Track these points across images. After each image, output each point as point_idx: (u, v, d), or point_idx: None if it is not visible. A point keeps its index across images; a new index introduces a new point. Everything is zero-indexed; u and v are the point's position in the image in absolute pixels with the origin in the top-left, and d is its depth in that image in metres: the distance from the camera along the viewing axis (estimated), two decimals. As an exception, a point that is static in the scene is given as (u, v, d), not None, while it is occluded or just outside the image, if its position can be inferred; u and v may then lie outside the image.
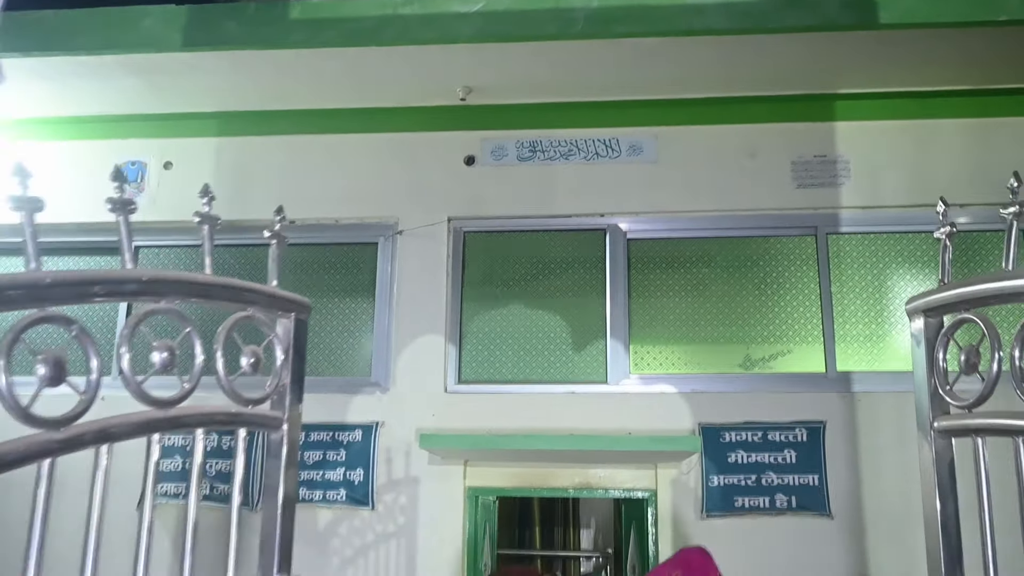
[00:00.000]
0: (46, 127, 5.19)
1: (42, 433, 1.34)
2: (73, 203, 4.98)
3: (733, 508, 4.46)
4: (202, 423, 1.60)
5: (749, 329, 4.80)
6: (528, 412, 4.63)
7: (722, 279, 4.86)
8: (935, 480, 1.68)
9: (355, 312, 4.95)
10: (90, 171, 5.11)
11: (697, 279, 4.88)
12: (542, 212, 4.92)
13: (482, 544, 4.67)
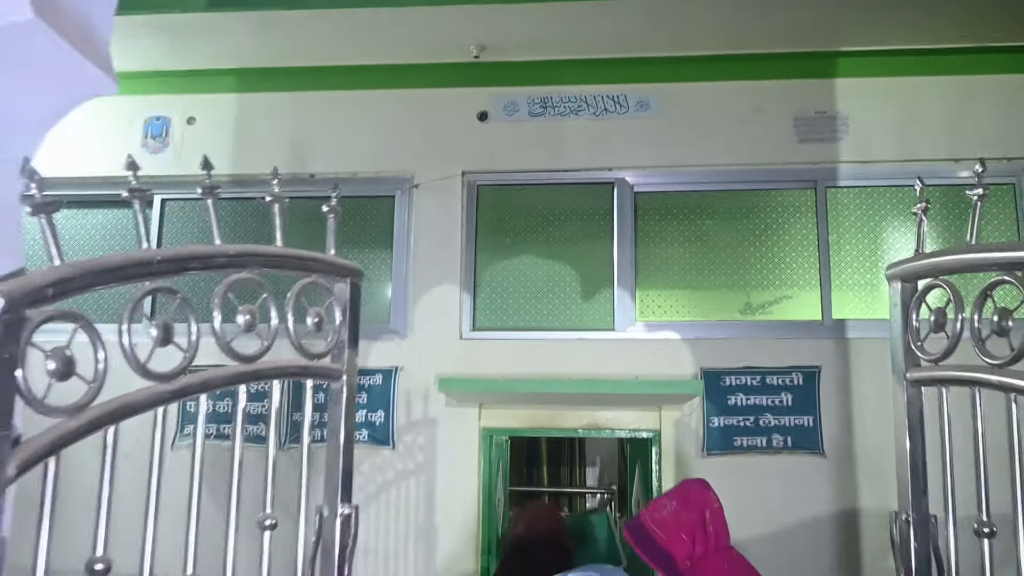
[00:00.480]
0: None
1: (157, 385, 1.62)
2: (102, 157, 5.25)
3: (732, 447, 4.78)
4: (278, 375, 1.88)
5: (750, 277, 5.08)
6: (539, 357, 4.93)
7: (725, 230, 5.12)
8: (906, 423, 1.97)
9: (374, 262, 5.22)
10: (116, 127, 5.34)
11: (701, 230, 5.14)
12: (552, 166, 5.16)
13: (495, 481, 5.01)
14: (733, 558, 2.48)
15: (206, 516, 1.71)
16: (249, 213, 5.23)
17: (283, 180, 2.14)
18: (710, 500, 2.47)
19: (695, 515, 2.42)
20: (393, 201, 5.23)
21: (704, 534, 2.41)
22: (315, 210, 5.11)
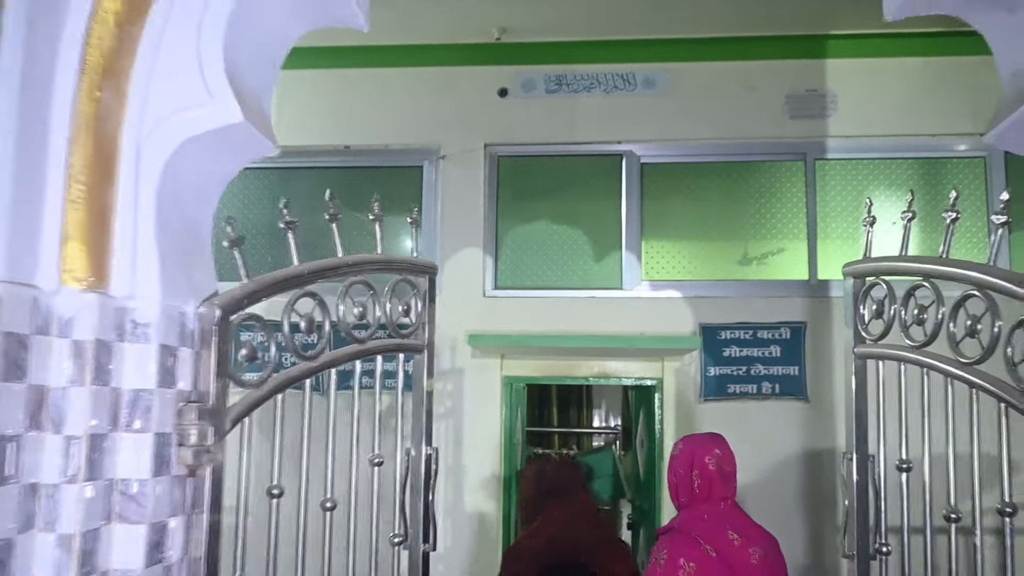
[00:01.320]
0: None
1: (305, 363, 2.30)
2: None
3: (726, 394, 5.49)
4: (381, 351, 2.55)
5: (746, 233, 5.73)
6: (554, 313, 5.61)
7: (724, 199, 5.76)
8: (853, 385, 2.65)
9: (405, 227, 5.86)
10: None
11: (702, 198, 5.78)
12: (566, 139, 5.76)
13: (515, 423, 5.74)
14: (720, 510, 2.74)
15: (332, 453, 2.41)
16: (295, 181, 5.82)
17: (321, 151, 2.72)
18: (702, 457, 2.77)
19: (685, 467, 2.80)
20: (422, 171, 5.84)
21: (689, 486, 2.77)
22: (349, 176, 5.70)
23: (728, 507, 2.77)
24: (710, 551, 2.63)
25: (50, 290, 1.74)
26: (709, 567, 2.60)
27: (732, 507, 2.77)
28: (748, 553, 2.65)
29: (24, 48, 1.70)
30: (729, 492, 2.76)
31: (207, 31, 1.92)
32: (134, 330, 1.84)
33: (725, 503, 2.76)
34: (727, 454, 2.84)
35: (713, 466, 2.76)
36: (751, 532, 2.73)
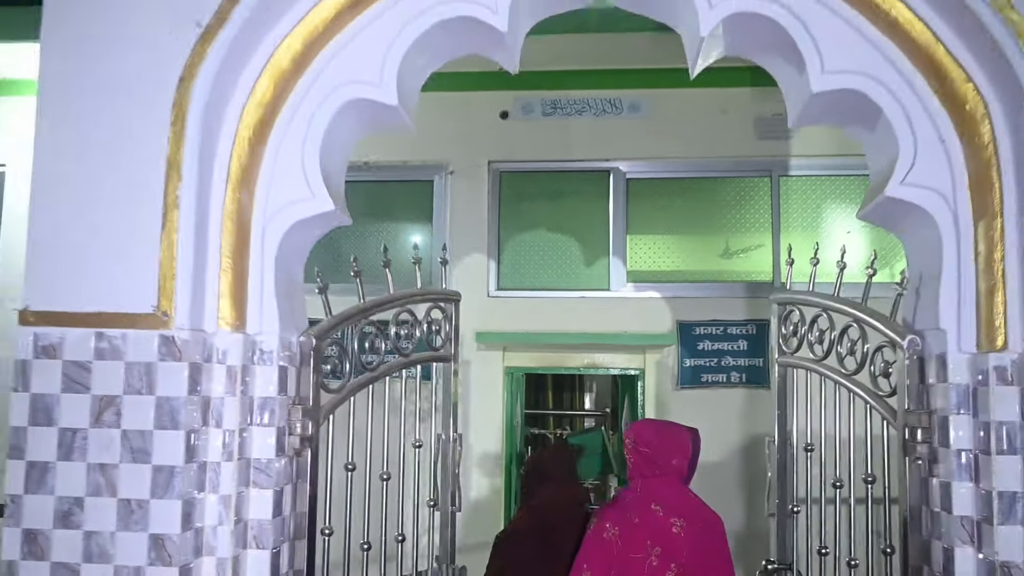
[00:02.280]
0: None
1: (368, 374, 3.21)
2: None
3: (700, 382, 6.42)
4: (420, 362, 3.47)
5: (719, 246, 6.64)
6: (549, 311, 6.52)
7: (699, 210, 6.66)
8: (776, 389, 3.58)
9: (419, 233, 6.76)
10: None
11: (680, 210, 6.68)
12: (561, 157, 6.65)
13: (515, 406, 6.68)
14: (648, 485, 3.10)
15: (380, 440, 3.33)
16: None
17: (353, 165, 3.43)
18: (627, 441, 3.21)
19: (627, 450, 3.22)
20: (433, 185, 6.73)
21: (630, 465, 3.21)
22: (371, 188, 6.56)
23: (657, 483, 3.11)
24: (633, 518, 3.05)
25: (212, 332, 2.65)
26: (630, 532, 3.02)
27: (663, 483, 3.10)
28: (669, 523, 3.00)
29: (198, 167, 2.60)
30: (654, 471, 3.11)
31: (308, 146, 2.82)
32: (261, 356, 2.76)
33: (655, 479, 3.11)
34: (645, 439, 3.17)
35: (632, 448, 3.18)
36: (678, 505, 3.06)
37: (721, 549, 3.10)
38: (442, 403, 3.62)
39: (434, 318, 3.57)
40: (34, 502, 2.52)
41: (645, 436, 3.17)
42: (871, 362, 3.00)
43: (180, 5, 2.62)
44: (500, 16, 2.83)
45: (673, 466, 3.12)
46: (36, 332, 2.55)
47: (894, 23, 2.65)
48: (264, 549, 2.70)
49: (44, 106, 2.67)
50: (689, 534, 2.99)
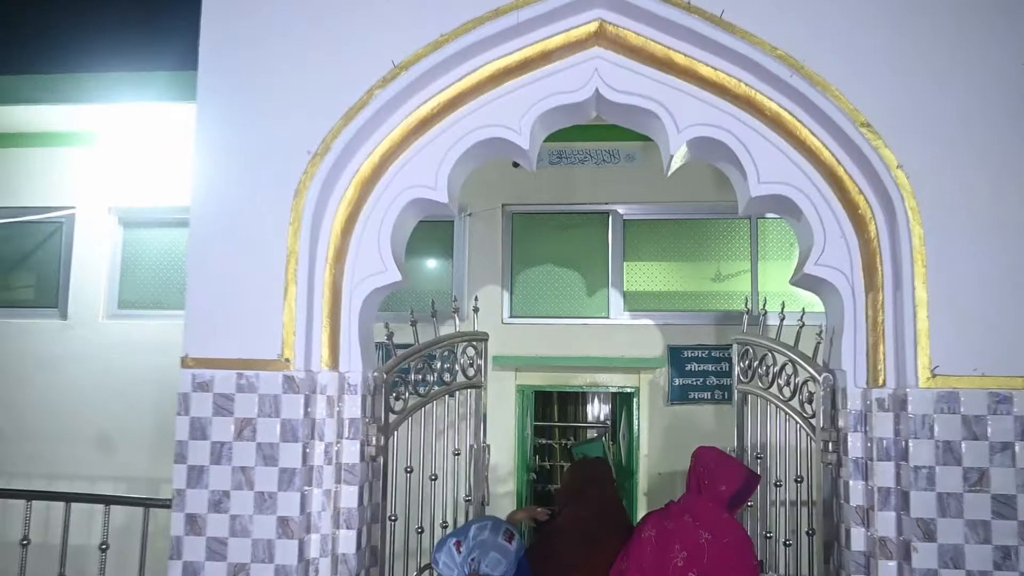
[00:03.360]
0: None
1: (420, 399, 4.33)
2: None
3: (688, 399, 7.52)
4: (459, 388, 4.59)
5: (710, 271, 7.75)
6: (556, 336, 7.63)
7: (687, 247, 7.78)
8: (736, 409, 4.69)
9: (442, 266, 7.88)
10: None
11: (671, 247, 7.80)
12: (565, 200, 7.76)
13: (526, 419, 7.80)
14: (688, 499, 3.73)
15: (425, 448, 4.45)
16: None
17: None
18: (700, 459, 3.83)
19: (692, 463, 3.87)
20: (453, 224, 7.84)
21: (690, 477, 3.84)
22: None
23: (700, 501, 3.70)
24: (668, 524, 3.67)
25: (317, 371, 3.77)
26: (663, 535, 3.63)
27: (704, 502, 3.68)
28: (698, 533, 3.59)
29: (308, 252, 3.73)
30: (700, 490, 3.72)
31: (382, 234, 3.93)
32: (349, 388, 3.87)
33: (699, 498, 3.71)
34: (703, 461, 3.80)
35: (692, 466, 3.84)
36: (710, 521, 3.61)
37: (743, 565, 3.61)
38: (474, 420, 4.73)
39: (468, 354, 4.68)
40: (193, 494, 3.65)
41: (704, 460, 3.81)
42: (800, 391, 4.11)
43: (296, 137, 3.75)
44: (523, 136, 3.95)
45: (720, 492, 3.69)
46: (194, 373, 3.68)
47: (809, 149, 3.77)
48: (352, 529, 3.81)
49: (196, 206, 3.80)
50: (714, 547, 3.56)
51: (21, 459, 7.47)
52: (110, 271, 7.95)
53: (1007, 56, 3.60)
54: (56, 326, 7.89)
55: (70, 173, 7.98)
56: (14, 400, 7.75)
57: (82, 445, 7.49)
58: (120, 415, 7.55)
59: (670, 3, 3.72)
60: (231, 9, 3.88)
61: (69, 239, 7.98)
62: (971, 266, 3.53)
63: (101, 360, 7.75)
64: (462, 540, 3.65)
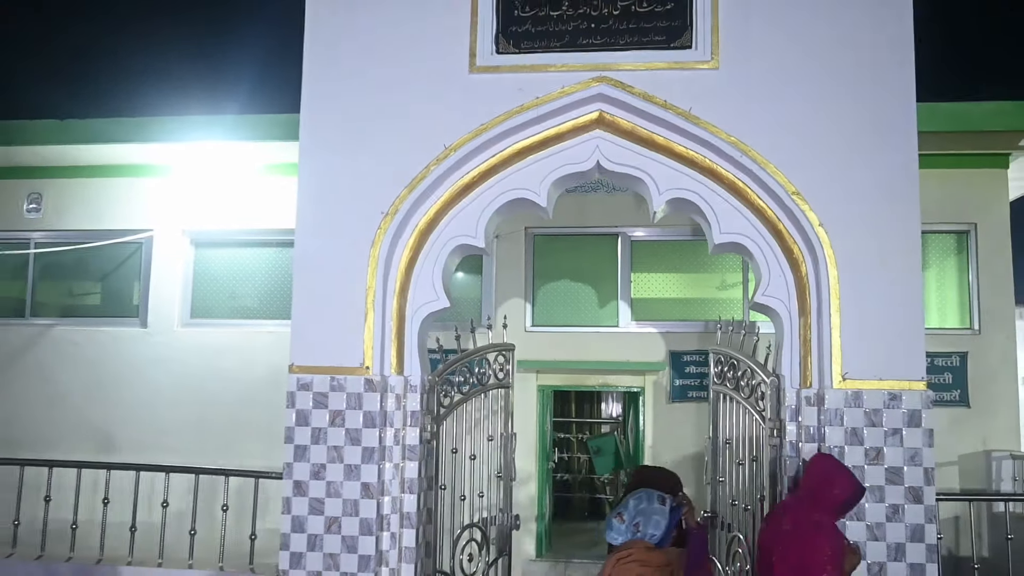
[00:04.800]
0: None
1: (462, 396, 5.79)
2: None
3: (687, 398, 8.94)
4: (492, 388, 6.04)
5: (703, 291, 9.17)
6: (572, 342, 9.06)
7: (687, 264, 9.20)
8: (711, 406, 6.12)
9: (474, 282, 9.33)
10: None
11: (672, 264, 9.22)
12: (580, 224, 9.19)
13: (546, 415, 9.25)
14: (790, 498, 4.63)
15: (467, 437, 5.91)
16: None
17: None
18: (817, 466, 4.45)
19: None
20: (482, 245, 9.28)
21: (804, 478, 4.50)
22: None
23: (801, 500, 4.40)
24: (774, 512, 4.69)
25: (388, 375, 5.24)
26: (769, 522, 4.58)
27: (806, 502, 4.34)
28: (782, 521, 4.36)
29: (382, 287, 5.20)
30: (809, 492, 4.37)
31: (435, 272, 5.39)
32: (411, 388, 5.34)
33: (805, 497, 4.38)
34: (818, 469, 4.43)
35: (806, 473, 4.54)
36: (799, 520, 4.25)
37: (818, 554, 4.10)
38: (504, 413, 6.18)
39: (499, 361, 6.13)
40: (299, 467, 5.12)
41: (821, 467, 4.45)
42: (755, 391, 5.53)
43: (373, 200, 5.22)
44: (542, 197, 5.38)
45: (834, 495, 4.29)
46: (298, 377, 5.16)
47: (757, 208, 5.18)
48: (413, 494, 5.27)
49: (298, 253, 5.27)
50: (790, 533, 4.25)
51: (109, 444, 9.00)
52: (183, 285, 9.48)
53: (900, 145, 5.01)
54: (138, 333, 9.42)
55: (149, 200, 9.52)
56: (104, 396, 9.28)
57: (163, 432, 8.98)
58: (194, 408, 9.06)
59: (652, 101, 5.14)
60: (325, 103, 5.35)
61: (148, 257, 9.51)
62: (872, 299, 4.94)
63: (177, 362, 9.27)
64: (623, 512, 4.19)
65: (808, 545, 4.15)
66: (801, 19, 5.14)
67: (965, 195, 8.93)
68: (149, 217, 9.52)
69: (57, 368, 9.47)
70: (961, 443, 8.67)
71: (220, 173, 9.38)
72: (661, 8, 5.23)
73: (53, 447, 8.81)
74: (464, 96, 5.28)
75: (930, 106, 8.16)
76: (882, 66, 5.05)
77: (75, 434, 9.15)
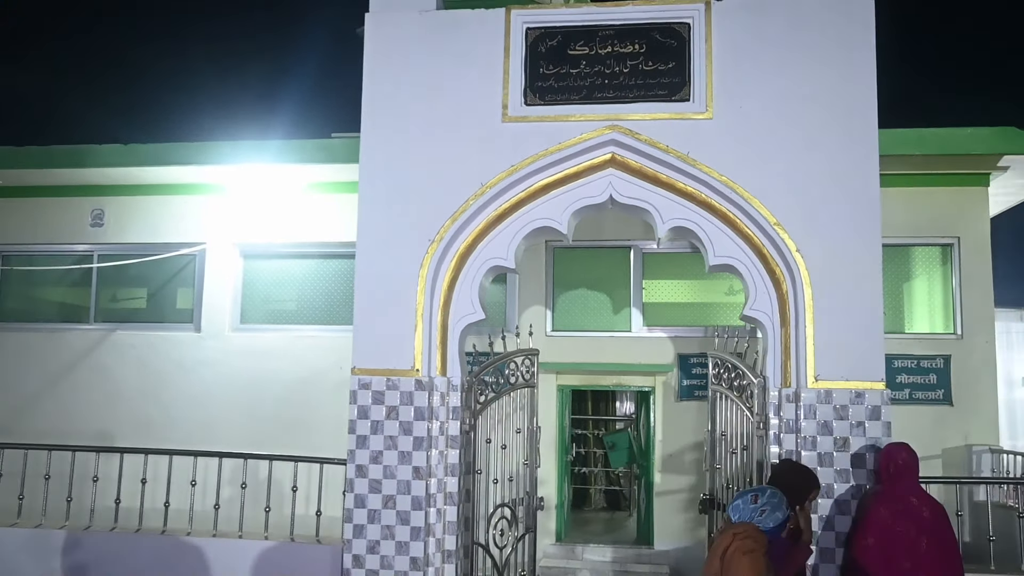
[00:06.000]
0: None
1: (495, 394, 6.93)
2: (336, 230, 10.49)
3: (694, 396, 10.04)
4: (520, 387, 7.18)
5: (708, 298, 10.28)
6: (589, 345, 10.18)
7: (693, 274, 10.31)
8: (710, 403, 7.24)
9: (499, 290, 10.47)
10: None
11: (680, 273, 10.33)
12: (596, 238, 10.30)
13: (565, 413, 10.38)
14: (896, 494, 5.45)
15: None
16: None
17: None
18: (897, 454, 5.54)
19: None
20: (506, 257, 10.43)
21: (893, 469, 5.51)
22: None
23: (907, 484, 5.51)
24: (896, 507, 5.42)
25: (433, 376, 6.39)
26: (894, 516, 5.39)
27: (910, 485, 5.52)
28: (921, 509, 5.37)
29: (429, 302, 6.35)
30: (888, 478, 5.58)
31: (473, 287, 6.53)
32: (453, 387, 6.49)
33: (907, 481, 5.52)
34: (890, 457, 5.60)
35: (884, 463, 5.63)
36: (921, 498, 5.46)
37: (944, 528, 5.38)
38: (528, 409, 7.31)
39: (525, 364, 7.26)
40: (360, 453, 6.28)
41: (899, 454, 5.57)
42: (746, 390, 6.65)
43: (421, 229, 6.36)
44: (563, 225, 6.52)
45: (915, 477, 5.57)
46: (359, 378, 6.32)
47: (745, 235, 6.29)
48: (455, 477, 6.42)
49: (360, 272, 6.43)
50: (931, 517, 5.37)
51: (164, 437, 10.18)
52: (233, 293, 10.67)
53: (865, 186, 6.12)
54: (192, 337, 10.61)
55: (202, 216, 10.70)
56: (160, 394, 10.48)
57: (214, 425, 10.14)
58: (242, 405, 10.24)
59: (656, 146, 6.27)
60: (381, 147, 6.50)
61: (201, 268, 10.70)
62: (839, 313, 6.05)
63: (228, 364, 10.45)
64: (759, 495, 4.72)
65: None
66: (782, 78, 6.24)
67: (949, 211, 10.00)
68: (202, 231, 10.70)
69: (117, 369, 10.66)
70: (945, 438, 9.73)
71: (267, 191, 10.55)
72: (664, 67, 6.35)
73: (112, 440, 10.00)
74: (498, 141, 6.41)
75: (917, 131, 9.33)
76: (849, 118, 6.16)
77: (133, 428, 10.31)
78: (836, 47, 6.20)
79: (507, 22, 6.51)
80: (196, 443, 9.26)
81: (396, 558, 6.20)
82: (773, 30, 6.26)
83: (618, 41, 6.42)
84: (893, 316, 10.31)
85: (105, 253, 10.92)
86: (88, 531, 7.25)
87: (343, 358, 9.08)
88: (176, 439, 9.89)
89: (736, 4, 6.32)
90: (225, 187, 10.62)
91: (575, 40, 6.46)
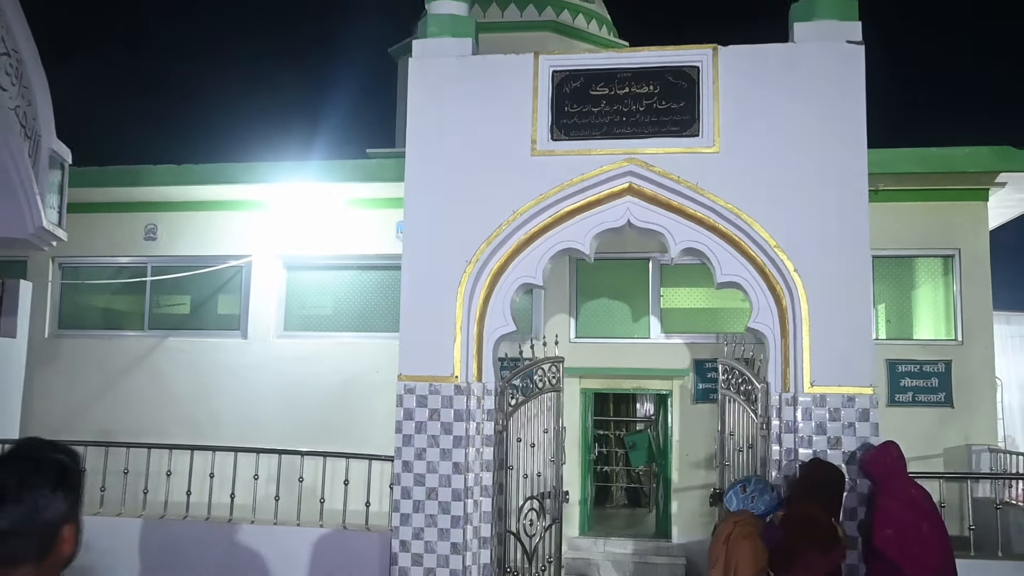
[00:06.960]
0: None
1: (524, 397, 7.84)
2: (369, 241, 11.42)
3: (708, 399, 10.89)
4: (546, 391, 8.08)
5: (721, 307, 11.14)
6: (610, 352, 11.06)
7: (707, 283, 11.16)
8: (719, 405, 8.12)
9: (525, 299, 11.36)
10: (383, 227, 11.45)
11: (694, 283, 11.20)
12: (617, 250, 11.12)
13: (588, 414, 11.28)
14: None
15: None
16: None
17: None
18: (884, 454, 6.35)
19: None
20: (533, 268, 11.34)
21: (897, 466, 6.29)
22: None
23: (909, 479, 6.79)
24: (916, 493, 6.32)
25: (471, 382, 7.30)
26: (917, 503, 6.25)
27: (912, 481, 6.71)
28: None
29: (466, 315, 7.27)
30: (899, 471, 6.73)
31: (505, 304, 7.44)
32: (487, 392, 7.40)
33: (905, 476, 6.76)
34: (890, 455, 6.44)
35: (894, 459, 6.38)
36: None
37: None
38: (555, 411, 8.21)
39: (552, 371, 8.15)
40: (406, 450, 7.20)
41: (894, 452, 6.33)
42: (751, 394, 7.51)
43: (460, 251, 7.25)
44: (586, 247, 7.41)
45: (903, 470, 6.36)
46: (405, 383, 7.24)
47: (749, 256, 7.15)
48: (489, 472, 7.32)
49: (405, 290, 7.35)
50: (927, 504, 6.29)
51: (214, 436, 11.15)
52: (277, 302, 11.64)
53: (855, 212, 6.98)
54: (239, 343, 11.59)
55: (248, 230, 11.67)
56: (210, 397, 11.46)
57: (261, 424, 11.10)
58: (286, 406, 11.20)
59: (668, 177, 7.15)
60: (424, 179, 7.42)
61: (248, 279, 11.68)
62: (833, 326, 6.91)
63: (273, 369, 11.42)
64: (746, 484, 5.67)
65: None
66: (782, 117, 7.10)
67: (951, 224, 10.83)
68: (248, 244, 11.68)
69: (170, 373, 11.66)
70: (946, 438, 10.57)
71: (308, 207, 11.50)
72: (676, 106, 7.23)
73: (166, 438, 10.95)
74: (527, 173, 7.31)
75: (919, 151, 10.18)
76: (841, 152, 7.01)
77: (184, 428, 11.27)
78: (829, 90, 7.05)
79: (535, 66, 7.40)
80: (245, 442, 10.21)
81: (438, 543, 7.11)
82: (773, 74, 7.12)
83: (635, 83, 7.29)
84: (898, 323, 11.18)
85: (158, 265, 11.91)
86: (163, 520, 8.22)
87: (380, 363, 10.12)
88: (226, 438, 10.83)
89: (740, 51, 7.19)
90: (269, 203, 11.59)
91: (596, 81, 7.35)
